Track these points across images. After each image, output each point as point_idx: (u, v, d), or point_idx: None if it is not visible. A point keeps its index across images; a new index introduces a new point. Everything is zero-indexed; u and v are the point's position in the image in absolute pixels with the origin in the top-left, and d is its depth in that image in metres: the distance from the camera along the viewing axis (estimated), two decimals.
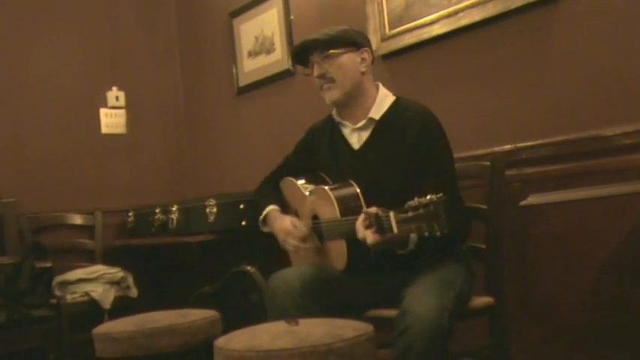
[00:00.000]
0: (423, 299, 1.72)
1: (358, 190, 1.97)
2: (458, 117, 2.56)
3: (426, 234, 1.56)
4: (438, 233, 1.55)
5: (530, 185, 2.31)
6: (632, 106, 2.13)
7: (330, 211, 1.99)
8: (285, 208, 2.30)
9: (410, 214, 1.58)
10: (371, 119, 2.10)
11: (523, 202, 1.88)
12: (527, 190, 2.20)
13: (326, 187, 2.02)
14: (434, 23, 2.67)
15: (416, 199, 1.58)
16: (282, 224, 2.17)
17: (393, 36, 2.85)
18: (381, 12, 2.90)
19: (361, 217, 1.76)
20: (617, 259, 2.16)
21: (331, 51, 2.08)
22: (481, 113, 2.56)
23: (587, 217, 2.20)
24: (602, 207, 2.15)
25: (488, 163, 2.11)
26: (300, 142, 2.38)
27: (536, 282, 2.38)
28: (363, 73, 2.10)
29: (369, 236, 1.72)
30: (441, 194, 1.56)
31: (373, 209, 1.72)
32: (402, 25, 2.81)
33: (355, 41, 2.10)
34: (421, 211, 1.56)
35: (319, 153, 2.25)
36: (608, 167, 2.14)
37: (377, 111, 2.10)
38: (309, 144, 2.32)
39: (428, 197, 1.56)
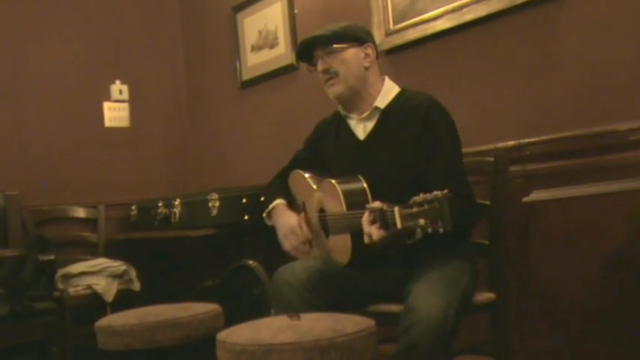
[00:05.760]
0: (428, 297, 1.71)
1: (365, 185, 1.97)
2: (461, 113, 2.54)
3: (430, 230, 1.56)
4: (442, 230, 1.55)
5: (533, 181, 2.31)
6: (636, 102, 2.12)
7: (336, 205, 1.99)
8: (293, 203, 2.31)
9: (414, 209, 1.58)
10: (376, 108, 2.10)
11: (526, 199, 1.87)
12: (530, 186, 2.19)
13: (333, 181, 2.02)
14: (438, 18, 2.67)
15: (421, 194, 1.58)
16: (289, 220, 2.17)
17: (397, 31, 2.84)
18: (385, 7, 2.89)
19: (366, 213, 1.76)
20: (620, 256, 2.16)
21: (335, 46, 2.08)
22: (485, 109, 2.56)
23: (591, 214, 2.20)
24: (605, 203, 2.15)
25: (491, 159, 2.11)
26: (309, 138, 2.38)
27: (539, 278, 2.38)
28: (366, 69, 2.11)
29: (374, 232, 1.72)
30: (446, 191, 1.56)
31: (378, 204, 1.72)
32: (406, 20, 2.81)
33: (358, 37, 2.11)
34: (426, 206, 1.56)
35: (326, 147, 2.25)
36: (612, 164, 2.14)
37: (382, 101, 2.11)
38: (316, 139, 2.33)
39: (433, 193, 1.56)
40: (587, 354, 2.25)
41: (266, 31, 3.64)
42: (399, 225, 1.62)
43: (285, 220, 2.18)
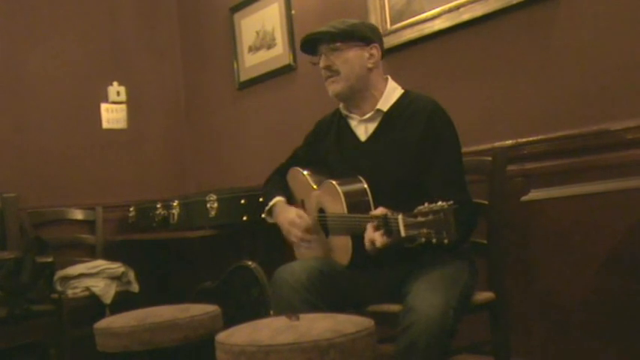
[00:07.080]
0: (427, 296, 1.71)
1: (366, 186, 1.97)
2: (459, 112, 2.54)
3: (434, 241, 1.55)
4: (446, 241, 1.53)
5: (531, 180, 2.31)
6: (634, 101, 2.12)
7: (337, 206, 1.99)
8: (292, 200, 2.30)
9: (419, 219, 1.57)
10: (378, 110, 2.10)
11: (524, 198, 1.88)
12: (528, 185, 2.20)
13: (334, 182, 2.01)
14: (435, 18, 2.67)
15: (426, 204, 1.57)
16: (288, 215, 2.17)
17: (395, 31, 2.84)
18: (382, 7, 2.89)
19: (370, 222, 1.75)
20: (618, 255, 2.16)
21: (339, 44, 2.07)
22: (483, 108, 2.56)
23: (589, 213, 2.20)
24: (603, 202, 2.15)
25: (489, 159, 2.11)
26: (309, 135, 2.37)
27: (538, 277, 2.38)
28: (369, 69, 2.10)
29: (377, 238, 1.72)
30: (451, 202, 1.55)
31: (381, 211, 1.72)
32: (403, 20, 2.81)
33: (365, 36, 2.09)
34: (431, 217, 1.54)
35: (325, 145, 2.25)
36: (610, 162, 2.14)
37: (385, 103, 2.10)
38: (316, 136, 2.32)
39: (439, 204, 1.55)
40: (587, 354, 2.25)
41: (263, 32, 3.64)
42: (402, 233, 1.62)
43: (285, 215, 2.18)
